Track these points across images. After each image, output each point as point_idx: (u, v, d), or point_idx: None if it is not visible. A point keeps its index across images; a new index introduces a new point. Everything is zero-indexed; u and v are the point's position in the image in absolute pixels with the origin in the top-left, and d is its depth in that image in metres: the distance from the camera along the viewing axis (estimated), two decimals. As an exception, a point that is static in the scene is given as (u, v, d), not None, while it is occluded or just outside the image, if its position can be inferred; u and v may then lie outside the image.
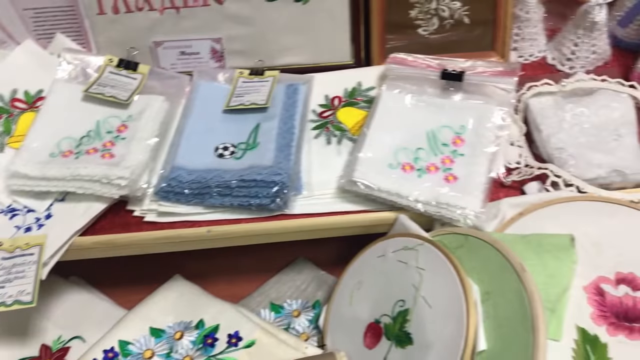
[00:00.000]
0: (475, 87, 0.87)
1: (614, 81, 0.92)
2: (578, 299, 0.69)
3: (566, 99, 0.91)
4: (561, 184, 0.81)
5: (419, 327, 0.69)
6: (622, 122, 0.87)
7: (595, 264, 0.71)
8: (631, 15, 0.98)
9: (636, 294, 0.69)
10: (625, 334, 0.67)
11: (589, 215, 0.76)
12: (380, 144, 0.83)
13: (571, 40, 0.97)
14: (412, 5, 0.96)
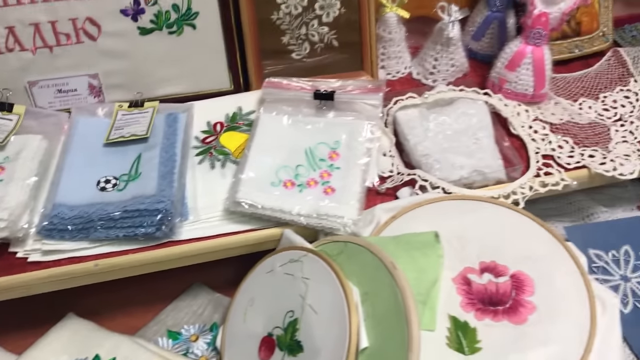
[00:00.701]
0: (346, 105, 0.93)
1: (471, 90, 1.02)
2: (448, 290, 0.76)
3: (430, 110, 0.99)
4: (429, 187, 0.88)
5: (308, 334, 0.73)
6: (479, 127, 0.96)
7: (461, 256, 0.78)
8: (482, 29, 1.08)
9: (498, 279, 0.77)
10: (491, 317, 0.74)
11: (454, 213, 0.83)
12: (262, 164, 0.87)
13: (431, 56, 1.06)
14: (284, 32, 1.01)
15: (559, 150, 0.96)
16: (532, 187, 0.91)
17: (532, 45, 0.98)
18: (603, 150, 0.97)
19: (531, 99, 1.02)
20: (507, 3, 1.05)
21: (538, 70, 0.99)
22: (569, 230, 0.97)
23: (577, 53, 1.11)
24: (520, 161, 0.94)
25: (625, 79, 1.08)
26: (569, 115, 1.02)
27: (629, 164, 0.94)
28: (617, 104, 1.04)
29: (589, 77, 1.09)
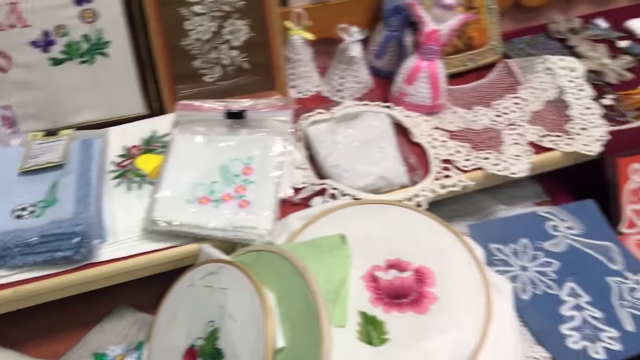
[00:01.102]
0: (257, 122, 0.98)
1: (374, 104, 1.09)
2: (357, 288, 0.81)
3: (338, 124, 1.05)
4: (339, 195, 0.94)
5: (228, 341, 0.77)
6: (383, 137, 1.03)
7: (368, 255, 0.84)
8: (383, 48, 1.17)
9: (403, 274, 0.83)
10: (397, 310, 0.79)
11: (362, 217, 0.89)
12: (177, 183, 0.91)
13: (337, 74, 1.13)
14: (195, 57, 1.05)
15: (457, 154, 1.05)
16: (433, 190, 0.99)
17: (426, 61, 1.07)
18: (496, 152, 1.06)
19: (430, 109, 1.10)
20: (404, 23, 1.13)
21: (433, 82, 1.07)
22: (471, 228, 1.05)
23: (471, 66, 1.21)
24: (421, 166, 1.02)
25: (515, 87, 1.18)
26: (465, 122, 1.11)
27: (519, 164, 1.03)
28: (508, 110, 1.14)
29: (483, 86, 1.19)
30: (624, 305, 0.95)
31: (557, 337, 0.91)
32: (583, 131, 1.10)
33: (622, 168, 1.09)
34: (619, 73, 1.22)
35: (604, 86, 1.20)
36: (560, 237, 1.05)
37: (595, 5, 1.41)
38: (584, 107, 1.14)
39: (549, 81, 1.18)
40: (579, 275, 1.00)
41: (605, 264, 1.02)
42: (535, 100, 1.16)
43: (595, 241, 1.05)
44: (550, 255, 1.02)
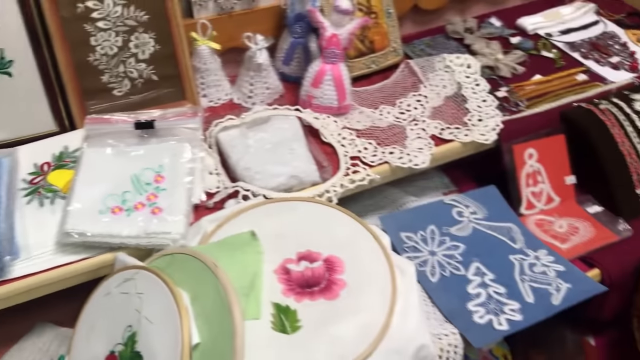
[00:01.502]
0: (167, 131, 1.00)
1: (284, 108, 1.14)
2: (270, 281, 0.85)
3: (250, 129, 1.09)
4: (251, 196, 0.97)
5: (146, 343, 0.78)
6: (294, 139, 1.08)
7: (280, 250, 0.88)
8: (289, 54, 1.21)
9: (313, 265, 0.87)
10: (309, 298, 0.83)
11: (273, 214, 0.93)
12: (88, 195, 0.92)
13: (247, 82, 1.17)
14: (102, 72, 1.07)
15: (364, 151, 1.10)
16: (343, 185, 1.04)
17: (330, 64, 1.12)
18: (401, 147, 1.12)
19: (337, 110, 1.15)
20: (307, 29, 1.19)
21: (338, 84, 1.13)
22: (382, 219, 1.10)
23: (375, 68, 1.27)
24: (332, 164, 1.07)
25: (417, 85, 1.25)
26: (372, 121, 1.17)
27: (422, 156, 1.10)
28: (411, 107, 1.21)
29: (387, 87, 1.26)
30: (524, 280, 1.03)
31: (464, 313, 0.97)
32: (480, 122, 1.18)
33: (518, 154, 1.17)
34: (512, 67, 1.32)
35: (498, 80, 1.29)
36: (465, 222, 1.12)
37: (489, 6, 1.51)
38: (481, 100, 1.22)
39: (447, 78, 1.26)
40: (484, 255, 1.07)
41: (507, 243, 1.10)
42: (435, 97, 1.23)
43: (497, 223, 1.13)
44: (457, 239, 1.09)
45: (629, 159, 1.18)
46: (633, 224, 1.14)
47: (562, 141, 1.20)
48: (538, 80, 1.29)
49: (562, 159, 1.20)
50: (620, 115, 1.21)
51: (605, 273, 1.06)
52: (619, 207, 1.16)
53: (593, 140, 1.17)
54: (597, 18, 1.49)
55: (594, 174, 1.19)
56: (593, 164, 1.18)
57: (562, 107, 1.23)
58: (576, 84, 1.29)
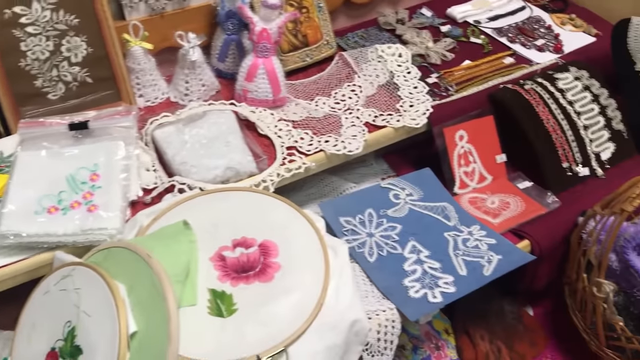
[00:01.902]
0: (101, 131, 1.02)
1: (219, 103, 1.16)
2: (206, 268, 0.87)
3: (186, 125, 1.11)
4: (187, 189, 1.00)
5: (85, 336, 0.80)
6: (229, 132, 1.10)
7: (216, 238, 0.91)
8: (224, 51, 1.24)
9: (249, 250, 0.90)
10: (244, 282, 0.86)
11: (209, 205, 0.95)
12: (23, 197, 0.93)
13: (182, 80, 1.19)
14: (35, 76, 1.08)
15: (301, 141, 1.13)
16: (279, 174, 1.07)
17: (262, 58, 1.15)
18: (336, 135, 1.15)
19: (273, 103, 1.18)
20: (240, 26, 1.21)
21: (272, 78, 1.16)
22: (322, 206, 1.13)
23: (309, 61, 1.30)
24: (270, 155, 1.10)
25: (351, 76, 1.29)
26: (308, 112, 1.20)
27: (355, 142, 1.13)
28: (345, 97, 1.25)
29: (322, 79, 1.29)
30: (458, 255, 1.07)
31: (400, 289, 1.01)
32: (411, 108, 1.22)
33: (449, 136, 1.22)
34: (442, 54, 1.37)
35: (429, 67, 1.34)
36: (402, 203, 1.16)
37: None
38: (412, 87, 1.27)
39: (380, 68, 1.30)
40: (420, 234, 1.11)
41: (442, 221, 1.14)
42: (369, 86, 1.27)
43: (432, 203, 1.17)
44: (393, 220, 1.13)
45: (554, 135, 1.23)
46: (561, 197, 1.20)
47: (491, 122, 1.25)
48: (467, 66, 1.35)
49: (492, 139, 1.25)
50: (545, 94, 1.27)
51: (535, 244, 1.11)
52: (547, 181, 1.21)
53: (519, 119, 1.23)
54: (523, 4, 1.55)
55: (523, 152, 1.24)
56: (521, 142, 1.24)
57: (489, 89, 1.28)
58: (503, 67, 1.35)
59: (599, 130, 1.28)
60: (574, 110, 1.27)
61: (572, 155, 1.24)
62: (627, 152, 1.30)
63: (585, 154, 1.26)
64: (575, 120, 1.26)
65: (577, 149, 1.25)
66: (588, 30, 1.47)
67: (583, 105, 1.28)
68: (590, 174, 1.25)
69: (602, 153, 1.27)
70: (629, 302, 1.02)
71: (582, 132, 1.26)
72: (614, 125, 1.30)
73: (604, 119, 1.29)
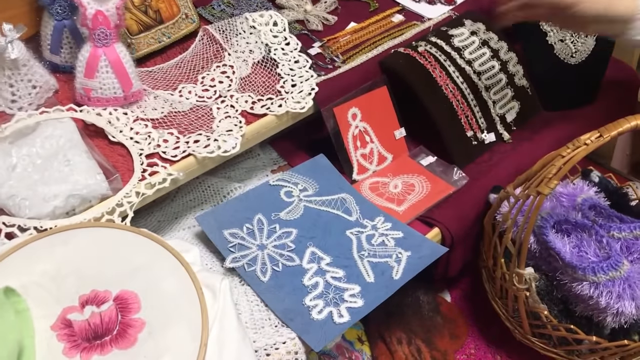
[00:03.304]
0: None
1: (54, 109, 0.94)
2: (48, 341, 0.68)
3: (13, 144, 0.88)
4: (18, 232, 0.78)
5: None
6: (70, 147, 0.88)
7: (58, 298, 0.71)
8: (56, 41, 1.00)
9: (101, 308, 0.71)
10: (99, 352, 0.68)
11: (46, 252, 0.75)
12: None
13: (5, 83, 0.94)
14: None
15: (164, 145, 0.94)
16: (139, 192, 0.87)
17: (102, 47, 0.93)
18: (207, 132, 0.96)
19: (125, 100, 0.97)
20: (71, 7, 0.98)
21: (118, 70, 0.94)
22: (201, 219, 0.96)
23: (167, 41, 1.09)
24: (127, 168, 0.90)
25: (220, 54, 1.10)
26: (171, 105, 1.00)
27: (231, 139, 0.95)
28: (215, 82, 1.05)
29: (186, 61, 1.09)
30: (363, 257, 0.93)
31: (301, 311, 0.86)
32: (293, 88, 1.04)
33: (340, 116, 1.06)
34: (323, 17, 1.19)
35: (310, 35, 1.16)
36: (295, 202, 1.00)
37: (292, -49, 1.36)
38: (293, 62, 1.09)
39: (254, 41, 1.11)
40: (319, 237, 0.96)
41: (342, 217, 1.00)
42: (243, 65, 1.08)
43: (330, 196, 1.02)
44: (288, 224, 0.97)
45: (455, 101, 1.11)
46: (467, 170, 1.08)
47: (385, 93, 1.10)
48: (352, 29, 1.18)
49: (388, 113, 1.11)
50: (441, 55, 1.13)
51: (445, 230, 0.99)
52: (451, 155, 1.09)
53: (414, 86, 1.09)
54: (408, -50, 1.40)
55: (423, 123, 1.11)
56: (420, 112, 1.10)
57: (380, 55, 1.13)
58: (393, 27, 1.19)
59: (501, 89, 1.16)
60: (474, 70, 1.14)
61: (476, 122, 1.12)
62: (532, 109, 1.20)
63: (490, 118, 1.14)
64: (476, 81, 1.13)
65: (480, 114, 1.13)
66: (479, -24, 1.34)
67: (482, 63, 1.15)
68: (496, 140, 1.14)
69: (507, 114, 1.16)
70: (551, 286, 0.93)
71: (484, 95, 1.14)
72: (517, 81, 1.18)
73: (505, 77, 1.17)
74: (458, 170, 1.08)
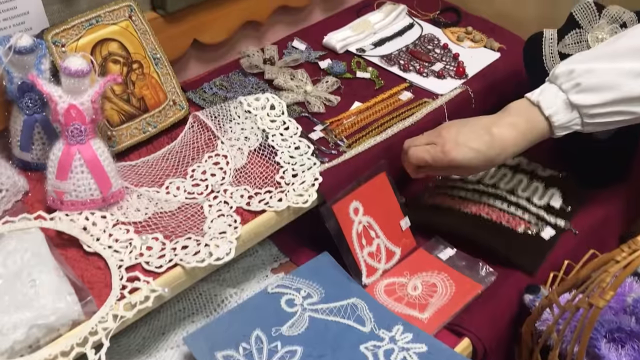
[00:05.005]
0: None
1: (19, 218, 0.81)
2: None
3: (-30, 260, 0.76)
4: (-34, 378, 0.65)
5: None
6: (36, 263, 0.75)
7: None
8: (27, 137, 0.89)
9: None
10: None
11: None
12: None
13: (-35, 188, 0.84)
14: None
15: (147, 253, 0.81)
16: (117, 316, 0.74)
17: (76, 145, 0.82)
18: (197, 235, 0.84)
19: (103, 202, 0.85)
20: (42, 101, 0.87)
21: (95, 169, 0.83)
22: (189, 340, 0.82)
23: (153, 131, 0.98)
24: (104, 284, 0.77)
25: (212, 142, 0.98)
26: (156, 205, 0.88)
27: (224, 244, 0.82)
28: (207, 175, 0.93)
29: (174, 152, 0.97)
30: (383, 378, 0.80)
31: None
32: (295, 178, 0.93)
33: (341, 213, 0.93)
34: (325, 98, 1.09)
35: (311, 117, 1.05)
36: (299, 312, 0.87)
37: (288, 26, 1.27)
38: (293, 148, 0.98)
39: (249, 127, 1.01)
40: (328, 356, 0.82)
41: (355, 328, 0.86)
42: (238, 154, 0.97)
43: (338, 303, 0.89)
44: (291, 342, 0.83)
45: (483, 213, 0.99)
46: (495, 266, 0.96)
47: (384, 181, 0.98)
48: (357, 110, 1.07)
49: (390, 201, 0.98)
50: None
51: (477, 341, 0.85)
52: (508, 257, 0.94)
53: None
54: (411, 20, 1.31)
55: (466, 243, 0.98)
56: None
57: (389, 140, 1.02)
58: (401, 106, 1.09)
59: (527, 186, 1.05)
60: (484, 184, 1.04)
61: (520, 219, 0.99)
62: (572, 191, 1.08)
63: (532, 212, 1.01)
64: (493, 191, 1.02)
65: (520, 212, 1.00)
66: (490, 45, 1.25)
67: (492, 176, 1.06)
68: (556, 232, 0.99)
69: (552, 202, 1.03)
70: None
71: (510, 198, 1.02)
72: (540, 173, 1.07)
73: (523, 175, 1.06)
74: (484, 264, 0.95)
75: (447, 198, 1.02)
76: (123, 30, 0.96)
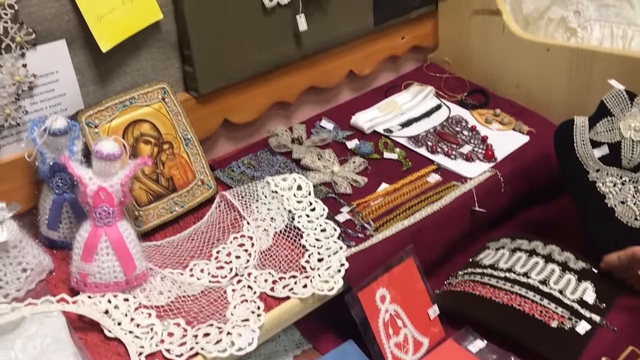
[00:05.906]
0: None
1: (42, 301, 0.80)
2: None
3: (-10, 344, 0.75)
4: None
5: None
6: (55, 349, 0.73)
7: None
8: (55, 216, 0.89)
9: None
10: None
11: None
12: None
13: (-8, 267, 0.83)
14: None
15: (168, 340, 0.79)
16: (133, 409, 0.72)
17: (103, 227, 0.82)
18: (219, 322, 0.82)
19: (127, 285, 0.84)
20: (72, 181, 0.88)
21: (120, 251, 0.82)
22: None
23: (180, 210, 0.98)
24: (120, 373, 0.75)
25: (238, 223, 0.98)
26: (179, 288, 0.87)
27: (247, 332, 0.80)
28: (231, 257, 0.92)
29: (199, 232, 0.97)
30: None
31: None
32: (320, 263, 0.91)
33: (367, 301, 0.89)
34: (352, 179, 1.08)
35: (337, 199, 1.04)
36: (321, 406, 0.84)
37: (316, 106, 1.29)
38: (319, 231, 0.97)
39: (275, 207, 1.00)
40: None
41: None
42: (263, 236, 0.96)
43: (363, 397, 0.85)
44: None
45: (515, 303, 0.94)
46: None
47: (412, 267, 0.95)
48: (385, 191, 1.06)
49: (418, 289, 0.95)
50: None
51: None
52: (541, 352, 0.90)
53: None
54: (439, 102, 1.32)
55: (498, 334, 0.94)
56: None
57: (418, 224, 1.00)
58: (429, 188, 1.08)
59: (559, 278, 0.99)
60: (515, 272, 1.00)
61: (554, 312, 0.95)
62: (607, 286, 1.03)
63: (567, 305, 0.95)
64: (525, 281, 0.97)
65: (553, 305, 0.95)
66: (519, 128, 1.24)
67: (523, 265, 1.01)
68: (592, 327, 0.93)
69: (585, 296, 0.98)
70: None
71: (543, 288, 0.96)
72: (572, 265, 1.03)
73: (556, 266, 1.01)
74: (515, 357, 0.91)
75: (478, 285, 0.99)
76: (156, 111, 0.98)
